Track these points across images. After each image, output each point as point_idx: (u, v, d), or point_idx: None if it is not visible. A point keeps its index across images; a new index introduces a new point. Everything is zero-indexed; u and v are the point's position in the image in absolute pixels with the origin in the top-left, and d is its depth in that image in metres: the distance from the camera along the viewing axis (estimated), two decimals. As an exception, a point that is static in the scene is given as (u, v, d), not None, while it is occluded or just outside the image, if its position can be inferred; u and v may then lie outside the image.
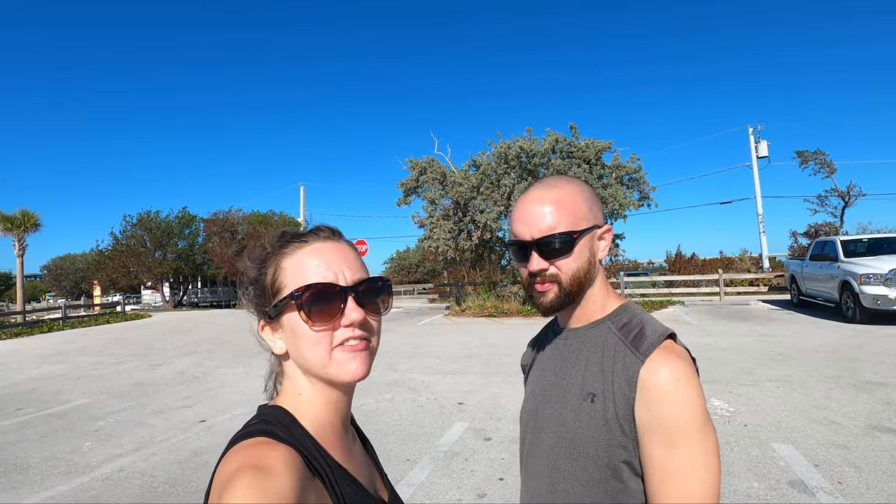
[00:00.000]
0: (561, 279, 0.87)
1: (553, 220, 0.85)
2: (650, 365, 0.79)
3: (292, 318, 0.66)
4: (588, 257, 0.88)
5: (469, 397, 5.79)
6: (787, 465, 3.59)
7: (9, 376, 8.69)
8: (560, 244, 0.85)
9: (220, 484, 0.54)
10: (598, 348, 0.87)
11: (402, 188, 16.94)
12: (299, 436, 0.63)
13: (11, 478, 4.03)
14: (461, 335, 11.14)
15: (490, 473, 3.68)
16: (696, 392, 0.78)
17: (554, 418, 0.88)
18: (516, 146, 15.28)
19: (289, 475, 0.55)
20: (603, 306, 0.92)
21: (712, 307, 14.29)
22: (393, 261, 41.85)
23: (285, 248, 0.69)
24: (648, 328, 0.85)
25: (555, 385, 0.92)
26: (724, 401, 5.17)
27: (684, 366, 0.79)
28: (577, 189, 0.90)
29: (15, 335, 15.58)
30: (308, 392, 0.68)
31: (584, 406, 0.84)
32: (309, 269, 0.66)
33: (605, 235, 0.92)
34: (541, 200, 0.87)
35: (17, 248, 21.76)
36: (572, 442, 0.84)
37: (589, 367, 0.86)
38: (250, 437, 0.61)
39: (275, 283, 0.67)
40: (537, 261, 0.86)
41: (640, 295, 16.43)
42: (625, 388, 0.80)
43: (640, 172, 15.67)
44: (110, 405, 6.24)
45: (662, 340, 0.82)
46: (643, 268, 32.63)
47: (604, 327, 0.89)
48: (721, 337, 9.10)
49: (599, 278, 0.92)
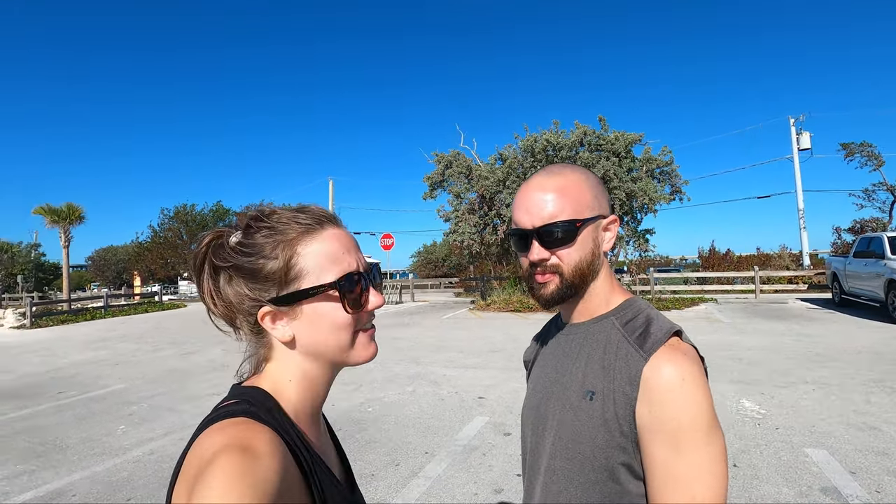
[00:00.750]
0: (563, 270, 0.83)
1: (555, 208, 0.81)
2: (654, 363, 0.75)
3: (319, 307, 0.64)
4: (592, 248, 0.84)
5: (490, 392, 5.76)
6: (821, 471, 3.43)
7: (54, 361, 9.16)
8: (562, 233, 0.81)
9: (199, 461, 0.52)
10: (600, 344, 0.84)
11: (427, 182, 16.97)
12: (282, 420, 0.61)
13: (51, 457, 4.25)
14: (485, 329, 11.11)
15: (507, 469, 3.65)
16: (702, 392, 0.73)
17: (555, 416, 0.85)
18: (543, 139, 15.06)
19: (274, 460, 0.53)
20: (607, 301, 0.87)
21: (747, 305, 13.80)
22: (419, 255, 42.04)
23: (301, 231, 0.65)
24: (654, 325, 0.81)
25: (555, 382, 0.88)
26: (755, 402, 4.98)
27: (690, 364, 0.75)
28: (581, 177, 0.86)
29: (61, 322, 16.44)
30: (300, 378, 0.66)
31: (582, 404, 0.80)
32: (334, 255, 0.65)
33: (611, 226, 0.87)
34: (543, 188, 0.83)
35: (63, 240, 22.85)
36: (569, 441, 0.81)
37: (590, 364, 0.83)
38: (232, 416, 0.58)
39: (291, 270, 0.63)
40: (538, 250, 0.83)
41: (670, 292, 15.99)
42: (626, 387, 0.76)
43: (671, 165, 15.21)
44: (145, 391, 6.50)
45: (668, 338, 0.77)
46: (675, 264, 31.80)
47: (607, 323, 0.85)
48: (755, 336, 8.77)
49: (604, 271, 0.88)
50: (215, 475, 0.49)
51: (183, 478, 0.53)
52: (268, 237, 0.64)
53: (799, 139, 23.02)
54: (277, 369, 0.67)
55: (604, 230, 0.86)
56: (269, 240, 0.64)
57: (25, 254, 35.36)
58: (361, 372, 6.98)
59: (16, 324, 16.14)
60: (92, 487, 3.61)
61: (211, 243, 0.67)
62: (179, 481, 0.54)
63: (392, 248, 21.06)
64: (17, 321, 16.33)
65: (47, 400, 6.25)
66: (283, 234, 0.64)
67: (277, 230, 0.65)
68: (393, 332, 11.20)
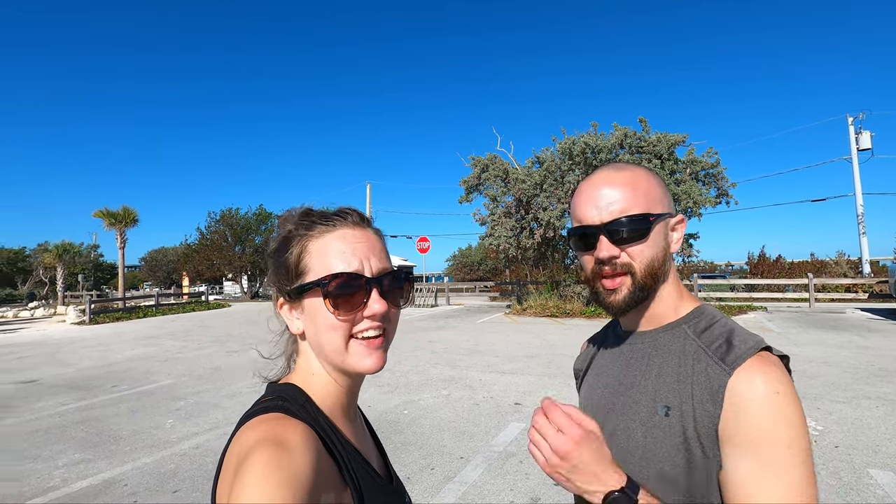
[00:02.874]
0: (634, 269, 0.76)
1: (627, 203, 0.75)
2: (741, 376, 0.68)
3: (314, 303, 0.65)
4: (664, 246, 0.78)
5: (526, 398, 5.68)
6: (886, 494, 3.18)
7: (109, 356, 9.69)
8: (635, 228, 0.75)
9: (238, 456, 0.54)
10: (673, 356, 0.77)
11: (464, 185, 16.97)
12: (315, 414, 0.63)
13: (106, 447, 4.48)
14: (521, 334, 10.98)
15: (545, 478, 3.58)
16: (797, 407, 0.67)
17: (619, 431, 0.79)
18: (581, 142, 14.79)
19: (307, 453, 0.54)
20: (675, 308, 0.81)
21: (800, 314, 13.05)
22: (455, 258, 42.07)
23: (312, 229, 0.67)
24: (736, 337, 0.74)
25: (618, 394, 0.82)
26: (810, 418, 4.68)
27: (783, 377, 0.68)
28: (648, 173, 0.81)
29: (116, 319, 17.39)
30: (321, 373, 0.68)
31: (656, 421, 0.74)
32: (336, 255, 0.65)
33: (678, 226, 0.81)
34: (612, 181, 0.77)
35: (119, 241, 24.20)
36: (643, 459, 0.75)
37: (662, 377, 0.76)
38: (267, 412, 0.60)
39: (299, 265, 0.66)
40: (607, 246, 0.76)
41: (715, 299, 15.34)
42: (707, 404, 0.70)
43: (717, 168, 14.62)
44: (191, 387, 6.77)
45: (755, 353, 0.71)
46: (720, 270, 30.52)
47: (679, 332, 0.79)
48: (809, 347, 8.28)
49: (672, 275, 0.81)
50: (251, 469, 0.50)
51: (224, 473, 0.56)
52: (288, 233, 0.69)
53: (858, 139, 21.65)
54: (304, 364, 0.69)
55: (672, 230, 0.81)
56: (289, 235, 0.68)
57: (86, 254, 37.67)
58: (397, 374, 7.02)
59: (76, 320, 17.19)
60: (142, 478, 3.78)
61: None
62: (222, 476, 0.56)
63: (428, 251, 21.18)
64: (78, 317, 17.39)
65: (103, 393, 6.60)
66: (305, 230, 0.68)
67: (297, 227, 0.68)
68: (428, 335, 11.24)
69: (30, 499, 3.50)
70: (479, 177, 16.58)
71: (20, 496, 3.54)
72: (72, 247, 29.67)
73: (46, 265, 29.88)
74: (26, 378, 7.79)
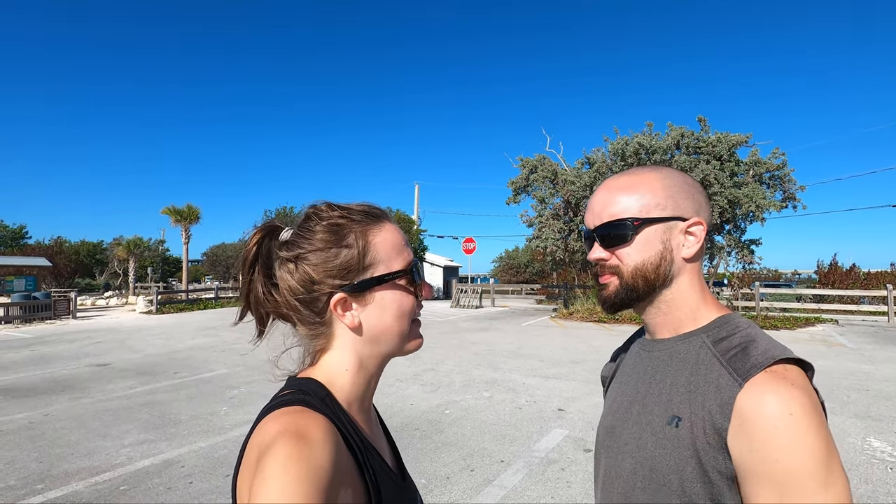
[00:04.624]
0: (621, 270, 0.78)
1: (616, 207, 0.78)
2: (751, 391, 0.64)
3: (387, 293, 0.68)
4: (660, 251, 0.76)
5: (570, 404, 5.55)
6: (975, 533, 2.87)
7: (172, 344, 10.34)
8: (618, 232, 0.77)
9: (259, 447, 0.54)
10: (687, 365, 0.75)
11: (511, 187, 16.83)
12: (335, 409, 0.63)
13: (168, 430, 4.78)
14: (567, 339, 10.75)
15: (587, 488, 3.48)
16: (815, 430, 0.61)
17: (633, 441, 0.78)
18: (634, 142, 14.29)
19: (328, 447, 0.55)
20: (695, 316, 0.78)
21: (877, 329, 12.01)
22: (501, 260, 41.79)
23: (367, 223, 0.69)
24: (754, 346, 0.70)
25: (635, 402, 0.81)
26: (886, 442, 4.30)
27: (800, 396, 0.62)
28: (657, 176, 0.79)
29: (179, 310, 18.54)
30: (356, 368, 0.68)
31: (666, 431, 0.72)
32: (399, 247, 0.70)
33: (695, 230, 0.77)
34: (609, 188, 0.81)
35: (184, 237, 25.76)
36: (651, 470, 0.73)
37: (675, 387, 0.75)
38: (288, 405, 0.61)
39: (366, 257, 0.66)
40: (597, 250, 0.80)
41: (779, 309, 14.35)
42: (717, 416, 0.66)
43: (784, 169, 13.72)
44: (244, 376, 7.10)
45: (771, 363, 0.66)
46: (786, 279, 28.64)
47: (696, 340, 0.76)
48: (887, 365, 7.59)
49: (686, 280, 0.78)
50: (272, 461, 0.51)
51: (246, 463, 0.57)
52: (343, 227, 0.67)
53: (950, 138, 19.65)
54: (334, 359, 0.68)
55: (684, 234, 0.77)
56: (346, 229, 0.67)
57: (154, 248, 40.38)
58: (440, 374, 7.06)
59: (145, 309, 18.49)
60: (197, 461, 4.00)
61: (264, 238, 0.70)
62: (243, 466, 0.57)
63: (474, 252, 21.16)
64: (146, 307, 18.70)
65: (166, 378, 7.05)
66: (359, 224, 0.68)
67: (352, 220, 0.68)
68: (472, 336, 11.22)
69: (98, 474, 3.79)
70: (528, 178, 16.38)
71: (93, 469, 3.85)
72: (142, 241, 31.91)
73: (120, 258, 32.27)
74: (100, 362, 8.46)
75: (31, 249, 33.41)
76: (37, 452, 4.24)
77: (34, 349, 10.07)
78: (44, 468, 3.90)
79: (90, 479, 3.68)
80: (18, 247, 35.36)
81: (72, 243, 38.47)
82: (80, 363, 8.35)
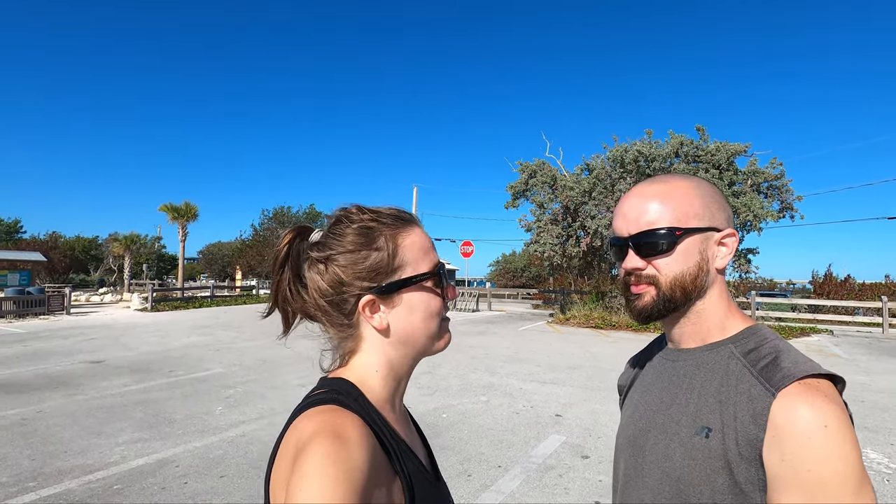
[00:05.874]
0: (659, 281, 0.76)
1: (654, 216, 0.75)
2: (785, 403, 0.64)
3: (416, 295, 0.68)
4: (698, 261, 0.76)
5: (567, 410, 5.54)
6: (972, 547, 2.87)
7: (167, 342, 10.28)
8: (659, 242, 0.75)
9: (296, 445, 0.55)
10: (715, 375, 0.74)
11: (510, 191, 16.87)
12: (367, 408, 0.63)
13: (162, 429, 4.74)
14: (564, 344, 10.75)
15: (585, 494, 3.47)
16: (850, 442, 0.62)
17: (658, 451, 0.77)
18: (633, 149, 14.36)
19: (364, 447, 0.55)
20: (722, 326, 0.78)
21: (871, 340, 12.07)
22: (498, 264, 41.85)
23: (396, 226, 0.70)
24: (785, 357, 0.70)
25: (659, 412, 0.80)
26: (882, 454, 4.31)
27: (834, 408, 0.63)
28: (690, 185, 0.78)
29: (175, 308, 18.45)
30: (386, 369, 0.69)
31: (695, 442, 0.72)
32: (427, 249, 0.71)
33: (728, 241, 0.77)
34: (643, 194, 0.78)
35: (181, 234, 25.66)
36: (679, 481, 0.72)
37: (703, 397, 0.74)
38: (322, 403, 0.61)
39: (395, 259, 0.68)
40: (632, 259, 0.77)
41: (774, 319, 14.41)
42: (750, 427, 0.66)
43: (781, 179, 13.81)
44: (240, 376, 7.06)
45: (804, 376, 0.66)
46: (781, 288, 28.79)
47: (724, 351, 0.76)
48: (882, 376, 7.63)
49: (717, 291, 0.78)
50: (310, 461, 0.51)
51: (281, 458, 0.57)
52: (374, 230, 0.68)
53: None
54: (364, 360, 0.69)
55: (718, 245, 0.77)
56: (376, 232, 0.68)
57: (150, 245, 40.23)
58: (437, 378, 7.04)
59: (139, 306, 18.37)
60: (192, 461, 3.97)
61: (295, 238, 0.71)
62: (278, 461, 0.57)
63: (471, 255, 21.16)
64: (141, 304, 18.57)
65: (161, 377, 7.00)
66: (388, 227, 0.69)
67: (382, 223, 0.69)
68: (469, 339, 11.21)
69: (91, 472, 3.75)
70: (527, 182, 16.42)
71: (87, 468, 3.81)
72: (138, 238, 31.76)
73: (115, 254, 32.13)
74: (94, 359, 8.40)
75: (25, 244, 33.22)
76: (29, 450, 4.20)
77: (27, 344, 9.99)
78: (36, 466, 3.86)
79: (84, 478, 3.65)
80: (13, 241, 35.15)
81: (67, 238, 38.29)
82: (73, 359, 8.29)
